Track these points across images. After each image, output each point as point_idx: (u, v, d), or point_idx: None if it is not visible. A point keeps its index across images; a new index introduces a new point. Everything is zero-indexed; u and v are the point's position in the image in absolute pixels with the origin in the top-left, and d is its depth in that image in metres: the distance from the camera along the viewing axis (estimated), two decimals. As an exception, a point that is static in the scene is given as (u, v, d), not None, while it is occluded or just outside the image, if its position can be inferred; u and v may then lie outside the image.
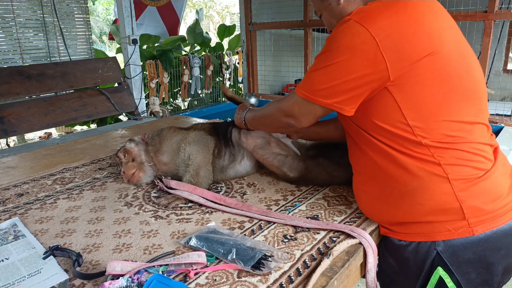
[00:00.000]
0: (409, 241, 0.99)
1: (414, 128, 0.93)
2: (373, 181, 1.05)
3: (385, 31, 0.90)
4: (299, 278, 0.87)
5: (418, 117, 0.92)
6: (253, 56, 5.54)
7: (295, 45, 5.99)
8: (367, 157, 1.03)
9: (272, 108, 1.19)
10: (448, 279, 0.95)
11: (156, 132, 1.52)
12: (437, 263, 0.96)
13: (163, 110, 3.82)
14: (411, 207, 0.97)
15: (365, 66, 0.91)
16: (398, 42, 0.90)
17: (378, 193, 1.04)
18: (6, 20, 3.49)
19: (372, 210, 1.09)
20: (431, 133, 0.93)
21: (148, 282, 0.77)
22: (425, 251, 0.97)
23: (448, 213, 0.93)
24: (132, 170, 1.40)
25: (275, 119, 1.16)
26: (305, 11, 4.88)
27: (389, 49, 0.89)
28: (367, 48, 0.90)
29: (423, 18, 0.93)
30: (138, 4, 5.30)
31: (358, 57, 0.92)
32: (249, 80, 5.67)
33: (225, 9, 15.05)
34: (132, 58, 3.57)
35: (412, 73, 0.91)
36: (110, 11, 13.94)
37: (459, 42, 0.97)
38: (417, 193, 0.95)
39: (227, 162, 1.44)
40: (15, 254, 0.99)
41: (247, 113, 1.35)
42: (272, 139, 1.43)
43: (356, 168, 1.12)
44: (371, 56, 0.90)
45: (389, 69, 0.90)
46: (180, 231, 1.10)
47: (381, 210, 1.05)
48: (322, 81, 0.98)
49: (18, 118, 2.77)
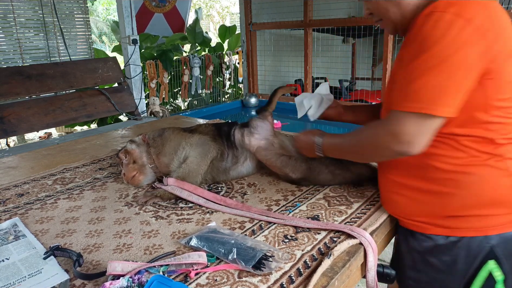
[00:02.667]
0: (459, 237, 0.97)
1: (491, 124, 0.91)
2: (418, 177, 1.00)
3: (487, 24, 0.86)
4: (299, 278, 0.87)
5: (499, 114, 0.91)
6: (253, 56, 5.54)
7: (295, 45, 5.99)
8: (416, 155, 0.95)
9: (371, 135, 1.00)
10: (498, 272, 0.95)
11: (157, 133, 1.51)
12: (488, 257, 0.95)
13: (163, 110, 3.82)
14: (465, 199, 0.95)
15: (478, 60, 0.86)
16: (497, 36, 0.87)
17: (424, 188, 1.00)
18: (6, 20, 3.49)
19: (410, 205, 1.04)
20: (506, 130, 0.92)
21: (149, 283, 0.77)
22: (477, 245, 0.95)
23: (504, 206, 0.94)
24: (133, 172, 1.40)
25: (379, 148, 0.97)
26: (305, 11, 4.88)
27: (494, 42, 0.86)
28: (476, 40, 0.84)
29: (503, 15, 0.92)
30: (145, 13, 5.36)
31: (471, 51, 0.85)
32: (249, 80, 5.67)
33: (225, 9, 15.05)
34: (132, 58, 3.57)
35: (502, 68, 0.89)
36: (110, 11, 13.94)
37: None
38: (475, 185, 0.94)
39: (229, 164, 1.44)
40: (16, 254, 0.98)
41: (325, 139, 1.16)
42: (275, 141, 1.42)
43: (393, 171, 1.07)
44: (482, 49, 0.85)
45: (492, 62, 0.87)
46: (180, 231, 1.10)
47: (426, 205, 1.01)
48: (438, 85, 0.86)
49: (18, 118, 2.77)
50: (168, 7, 5.65)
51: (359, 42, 7.15)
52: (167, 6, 5.63)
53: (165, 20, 5.64)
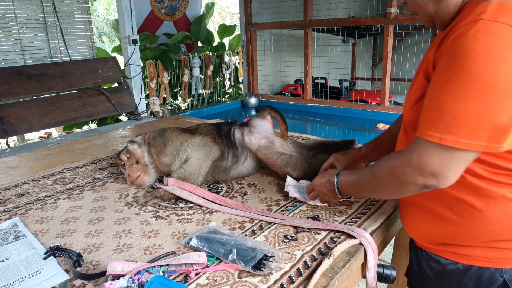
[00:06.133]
0: (469, 265, 0.89)
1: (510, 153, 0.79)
2: (439, 198, 0.89)
3: None
4: (300, 278, 0.87)
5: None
6: (253, 56, 5.54)
7: (295, 45, 5.99)
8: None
9: (390, 168, 0.86)
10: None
11: (158, 133, 1.50)
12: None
13: (163, 110, 3.82)
14: (482, 232, 0.85)
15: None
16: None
17: (440, 211, 0.90)
18: (7, 20, 3.49)
19: (423, 227, 0.96)
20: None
21: (149, 283, 0.77)
22: (489, 277, 0.88)
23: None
24: (138, 172, 1.40)
25: (401, 182, 0.84)
26: (305, 11, 4.89)
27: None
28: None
29: None
30: (154, 20, 5.38)
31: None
32: (249, 80, 5.68)
33: (225, 9, 15.05)
34: (132, 58, 3.57)
35: None
36: (110, 11, 13.94)
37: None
38: (496, 221, 0.84)
39: (230, 163, 1.44)
40: (16, 254, 0.98)
41: (341, 177, 1.04)
42: (276, 139, 1.42)
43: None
44: None
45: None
46: (180, 231, 1.10)
47: (437, 228, 0.92)
48: (476, 112, 0.70)
49: (18, 118, 2.77)
50: (178, 15, 5.67)
51: (359, 42, 7.16)
52: (177, 14, 5.65)
53: (175, 28, 5.65)
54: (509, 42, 0.69)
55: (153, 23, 5.40)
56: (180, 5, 5.65)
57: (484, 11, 0.73)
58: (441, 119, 0.74)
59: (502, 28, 0.70)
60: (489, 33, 0.70)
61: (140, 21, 5.20)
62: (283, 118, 1.48)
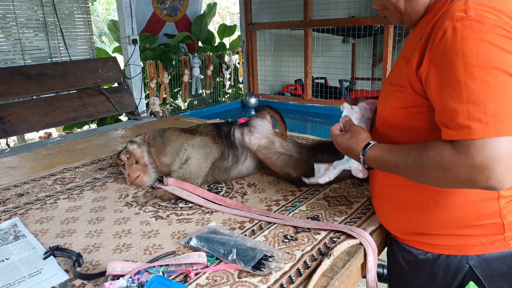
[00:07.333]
0: (437, 254, 0.94)
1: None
2: (406, 189, 0.94)
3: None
4: (299, 278, 0.87)
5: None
6: (253, 56, 5.54)
7: (295, 45, 5.99)
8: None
9: (444, 164, 0.76)
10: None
11: (157, 133, 1.51)
12: (469, 277, 0.91)
13: (163, 110, 3.82)
14: (446, 219, 0.90)
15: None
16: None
17: (408, 201, 0.95)
18: (6, 20, 3.49)
19: (394, 218, 1.01)
20: None
21: (149, 283, 0.76)
22: (456, 265, 0.92)
23: (486, 227, 0.88)
24: (137, 172, 1.40)
25: (457, 180, 0.75)
26: (305, 11, 4.88)
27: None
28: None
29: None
30: (157, 21, 5.40)
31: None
32: (249, 80, 5.67)
33: (225, 9, 15.05)
34: (132, 58, 3.57)
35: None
36: (110, 11, 13.94)
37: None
38: (459, 207, 0.88)
39: (230, 163, 1.44)
40: (16, 254, 0.98)
41: (371, 149, 0.93)
42: (276, 139, 1.42)
43: (387, 180, 0.99)
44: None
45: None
46: (180, 231, 1.09)
47: (406, 218, 0.96)
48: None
49: (18, 118, 2.77)
50: (179, 16, 5.69)
51: (359, 42, 7.15)
52: (178, 15, 5.67)
53: (176, 29, 5.68)
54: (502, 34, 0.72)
55: (155, 25, 5.41)
56: (180, 6, 5.67)
57: (467, 8, 0.74)
58: (485, 113, 0.69)
59: (492, 20, 0.72)
60: (486, 27, 0.72)
61: (143, 23, 5.21)
62: (282, 118, 1.48)
